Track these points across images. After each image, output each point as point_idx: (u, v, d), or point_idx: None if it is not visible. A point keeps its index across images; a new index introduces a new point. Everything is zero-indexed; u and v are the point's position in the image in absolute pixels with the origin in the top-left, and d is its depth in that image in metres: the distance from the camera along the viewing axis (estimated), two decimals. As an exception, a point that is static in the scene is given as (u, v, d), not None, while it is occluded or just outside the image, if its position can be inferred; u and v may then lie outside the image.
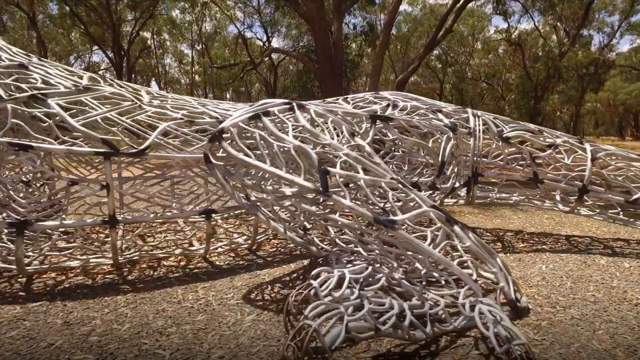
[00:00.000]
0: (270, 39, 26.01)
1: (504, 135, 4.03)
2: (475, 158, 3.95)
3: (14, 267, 2.93)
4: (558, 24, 18.99)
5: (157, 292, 2.84)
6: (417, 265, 2.61)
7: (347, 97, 4.42)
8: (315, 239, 3.38)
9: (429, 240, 2.57)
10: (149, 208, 3.98)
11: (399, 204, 2.70)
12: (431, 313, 2.20)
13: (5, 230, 3.33)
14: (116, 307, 2.60)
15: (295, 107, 2.84)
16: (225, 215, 4.41)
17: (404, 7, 28.61)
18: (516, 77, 21.53)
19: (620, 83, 25.76)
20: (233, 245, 3.68)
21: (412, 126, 3.63)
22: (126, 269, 3.26)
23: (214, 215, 3.75)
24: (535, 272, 3.33)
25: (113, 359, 2.04)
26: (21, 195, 3.16)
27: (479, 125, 4.02)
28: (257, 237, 3.75)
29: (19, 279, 3.02)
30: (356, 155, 2.64)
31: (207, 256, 3.53)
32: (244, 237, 3.90)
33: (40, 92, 2.85)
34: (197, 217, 3.49)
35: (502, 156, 4.10)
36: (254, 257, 3.60)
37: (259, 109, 2.77)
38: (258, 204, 2.74)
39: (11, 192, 2.94)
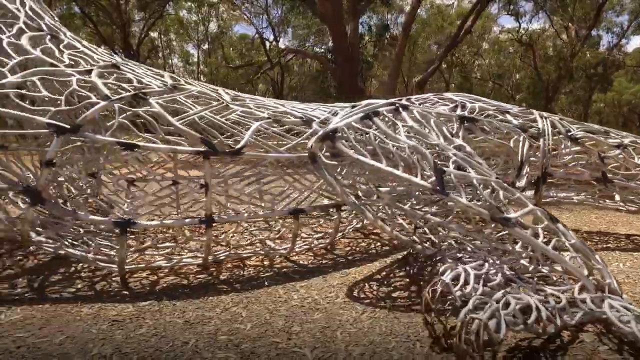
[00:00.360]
0: (278, 38, 26.07)
1: (571, 136, 4.07)
2: (544, 159, 3.98)
3: (112, 265, 2.94)
4: (569, 24, 19.14)
5: (258, 291, 2.85)
6: (522, 262, 2.65)
7: (409, 98, 4.44)
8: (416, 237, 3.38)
9: (541, 237, 2.59)
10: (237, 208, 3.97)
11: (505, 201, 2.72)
12: (556, 307, 2.24)
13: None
14: (227, 307, 2.61)
15: (401, 108, 2.87)
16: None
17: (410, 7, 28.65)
18: (526, 77, 21.68)
19: (625, 83, 25.96)
20: (312, 245, 3.69)
21: (494, 127, 3.66)
22: (213, 269, 3.26)
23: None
24: (615, 270, 3.37)
25: (256, 357, 2.05)
26: (124, 194, 3.17)
27: (548, 126, 4.05)
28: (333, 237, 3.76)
29: (114, 278, 3.02)
30: (463, 155, 2.66)
31: (288, 256, 3.54)
32: (318, 237, 3.91)
33: (141, 91, 2.85)
34: (277, 217, 3.50)
35: (569, 156, 4.13)
36: (333, 256, 3.62)
37: (367, 110, 2.79)
38: (367, 203, 2.76)
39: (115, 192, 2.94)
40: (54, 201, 2.59)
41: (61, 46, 3.18)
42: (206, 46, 31.80)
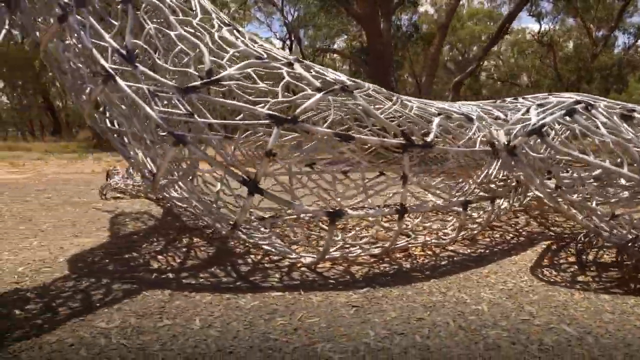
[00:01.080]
0: (294, 39, 26.13)
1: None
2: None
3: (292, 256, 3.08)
4: (591, 25, 19.55)
5: (453, 277, 3.01)
6: None
7: (526, 97, 4.62)
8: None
9: None
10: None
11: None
12: None
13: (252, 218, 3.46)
14: (442, 291, 2.76)
15: (589, 106, 3.05)
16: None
17: (424, 7, 29.03)
18: (546, 78, 22.04)
19: (634, 84, 26.48)
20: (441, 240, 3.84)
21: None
22: (386, 258, 3.42)
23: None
24: None
25: (519, 335, 2.21)
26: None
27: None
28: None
29: (297, 269, 3.15)
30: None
31: (446, 246, 3.69)
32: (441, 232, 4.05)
33: (346, 85, 3.00)
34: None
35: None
36: (468, 250, 3.76)
37: (565, 106, 2.97)
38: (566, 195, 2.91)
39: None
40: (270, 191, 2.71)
41: (246, 39, 3.31)
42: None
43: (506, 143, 3.01)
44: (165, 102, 2.81)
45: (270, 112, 2.66)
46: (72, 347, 2.00)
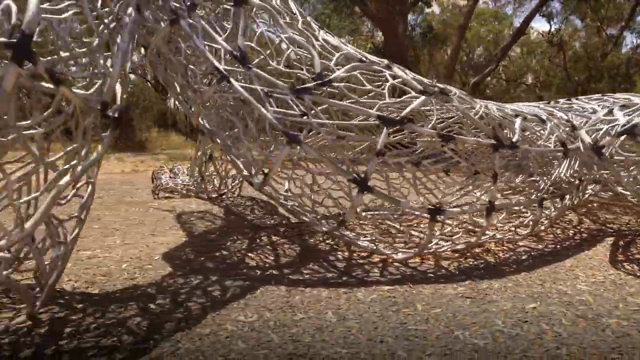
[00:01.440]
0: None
1: None
2: None
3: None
4: (600, 24, 19.77)
5: (540, 270, 3.13)
6: None
7: (591, 97, 4.76)
8: None
9: None
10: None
11: None
12: None
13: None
14: (552, 286, 2.88)
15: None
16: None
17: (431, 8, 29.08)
18: (550, 77, 22.25)
19: (639, 83, 26.75)
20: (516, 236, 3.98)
21: None
22: (468, 253, 3.54)
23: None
24: None
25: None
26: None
27: None
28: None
29: (390, 264, 3.27)
30: None
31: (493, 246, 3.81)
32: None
33: (446, 88, 3.14)
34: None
35: None
36: (539, 245, 3.88)
37: None
38: None
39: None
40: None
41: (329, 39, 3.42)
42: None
43: (591, 143, 3.15)
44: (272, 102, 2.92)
45: (380, 114, 2.79)
46: (228, 339, 2.11)
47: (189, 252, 3.54)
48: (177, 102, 3.39)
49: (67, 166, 2.17)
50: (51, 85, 1.95)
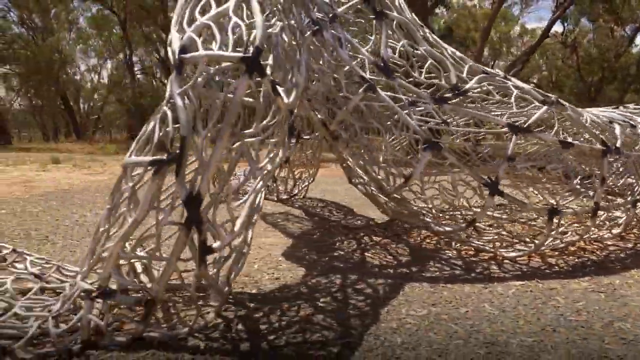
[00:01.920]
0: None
1: None
2: None
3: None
4: (614, 25, 20.13)
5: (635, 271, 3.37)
6: None
7: (627, 106, 5.05)
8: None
9: None
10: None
11: None
12: None
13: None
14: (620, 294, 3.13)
15: None
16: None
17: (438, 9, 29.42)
18: (563, 77, 22.64)
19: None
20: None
21: None
22: (566, 252, 3.78)
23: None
24: None
25: None
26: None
27: None
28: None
29: (501, 261, 3.50)
30: None
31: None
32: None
33: (558, 98, 3.38)
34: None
35: None
36: (613, 248, 4.11)
37: None
38: None
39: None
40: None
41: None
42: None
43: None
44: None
45: (509, 122, 3.03)
46: (418, 331, 2.32)
47: (308, 253, 3.75)
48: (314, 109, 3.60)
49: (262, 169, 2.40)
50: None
